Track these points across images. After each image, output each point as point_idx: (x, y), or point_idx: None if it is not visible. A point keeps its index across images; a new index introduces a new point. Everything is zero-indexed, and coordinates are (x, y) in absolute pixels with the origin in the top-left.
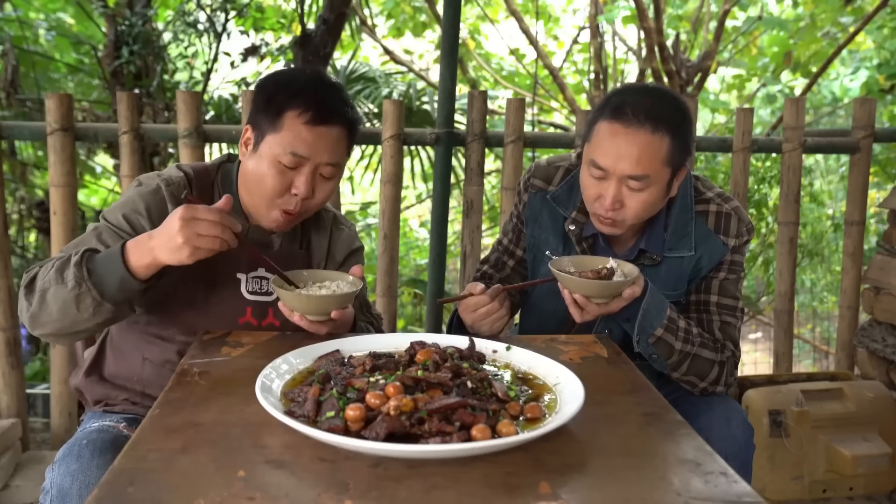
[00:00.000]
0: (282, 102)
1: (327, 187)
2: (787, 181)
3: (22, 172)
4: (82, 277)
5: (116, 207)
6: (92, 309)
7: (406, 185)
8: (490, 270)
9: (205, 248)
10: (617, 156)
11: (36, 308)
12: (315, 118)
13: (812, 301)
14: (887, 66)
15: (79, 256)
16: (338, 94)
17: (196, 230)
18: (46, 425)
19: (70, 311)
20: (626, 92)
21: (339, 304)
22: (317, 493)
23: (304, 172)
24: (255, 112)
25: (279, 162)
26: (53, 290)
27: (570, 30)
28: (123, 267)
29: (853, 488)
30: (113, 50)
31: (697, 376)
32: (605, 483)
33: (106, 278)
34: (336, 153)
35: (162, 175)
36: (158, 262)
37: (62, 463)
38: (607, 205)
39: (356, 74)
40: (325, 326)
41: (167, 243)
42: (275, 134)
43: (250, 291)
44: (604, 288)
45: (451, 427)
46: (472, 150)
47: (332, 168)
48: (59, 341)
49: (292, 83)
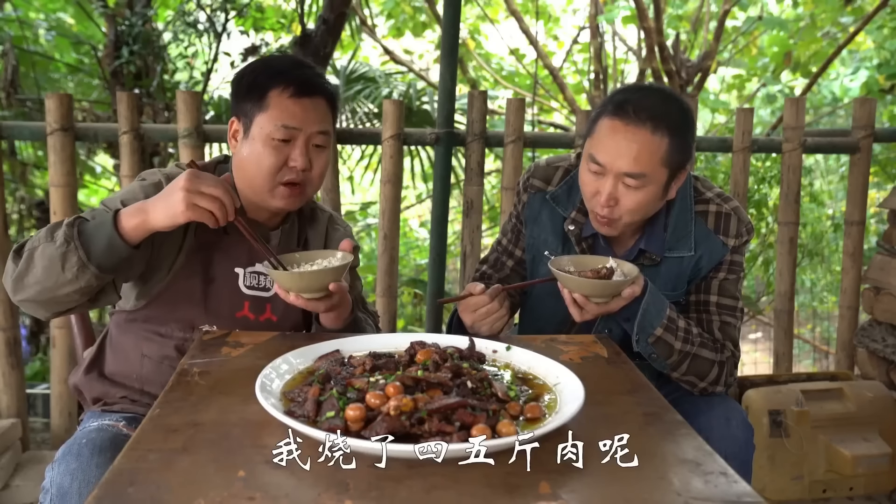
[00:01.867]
0: (264, 83)
1: (322, 158)
2: (787, 181)
3: (22, 172)
4: (71, 236)
5: (117, 196)
6: (76, 269)
7: (406, 185)
8: (489, 270)
9: (202, 206)
10: (615, 152)
11: (23, 267)
12: (298, 91)
13: (812, 301)
14: (887, 66)
15: (71, 219)
16: (313, 69)
17: (199, 188)
18: (46, 425)
19: (54, 269)
20: (631, 90)
21: (333, 277)
22: (317, 493)
23: (298, 145)
24: (237, 102)
25: (272, 139)
26: (42, 247)
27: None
28: (113, 228)
29: (853, 488)
30: (113, 50)
31: (697, 376)
32: (605, 483)
33: (95, 239)
34: (324, 121)
35: (163, 171)
36: (149, 222)
37: (62, 462)
38: (602, 201)
39: (356, 74)
40: (324, 303)
41: (164, 198)
42: (263, 113)
43: (248, 286)
44: (603, 287)
45: (451, 427)
46: (472, 150)
47: (323, 136)
48: (39, 311)
49: (270, 65)
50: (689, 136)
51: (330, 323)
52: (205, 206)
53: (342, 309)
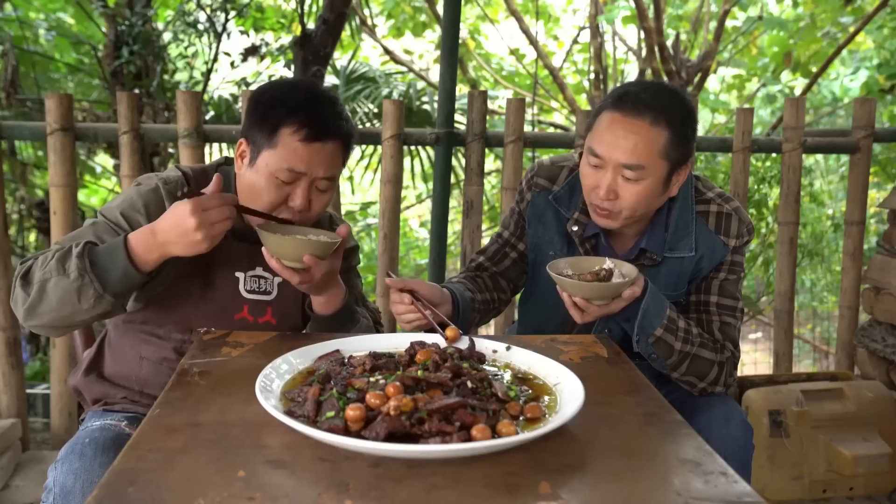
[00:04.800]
0: (277, 119)
1: (323, 199)
2: (787, 181)
3: (22, 172)
4: (85, 269)
5: (115, 205)
6: (93, 300)
7: (406, 185)
8: (486, 262)
9: (220, 233)
10: (613, 144)
11: (35, 298)
12: (310, 135)
13: (812, 301)
14: (887, 66)
15: (80, 248)
16: (332, 107)
17: (210, 220)
18: (46, 425)
19: (70, 301)
20: (632, 84)
21: (312, 250)
22: (317, 493)
23: (300, 186)
24: (249, 126)
25: (276, 177)
26: (55, 280)
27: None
28: (127, 260)
29: (853, 488)
30: (113, 50)
31: (697, 376)
32: (605, 483)
33: (109, 271)
34: (331, 167)
35: (160, 175)
36: (169, 256)
37: (65, 461)
38: (601, 194)
39: (356, 74)
40: (299, 276)
41: (183, 239)
42: (271, 150)
43: (248, 290)
44: (603, 290)
45: (451, 427)
46: (472, 150)
47: (328, 182)
48: (51, 333)
49: (287, 99)
50: (689, 130)
51: (320, 308)
52: (221, 231)
53: (332, 296)
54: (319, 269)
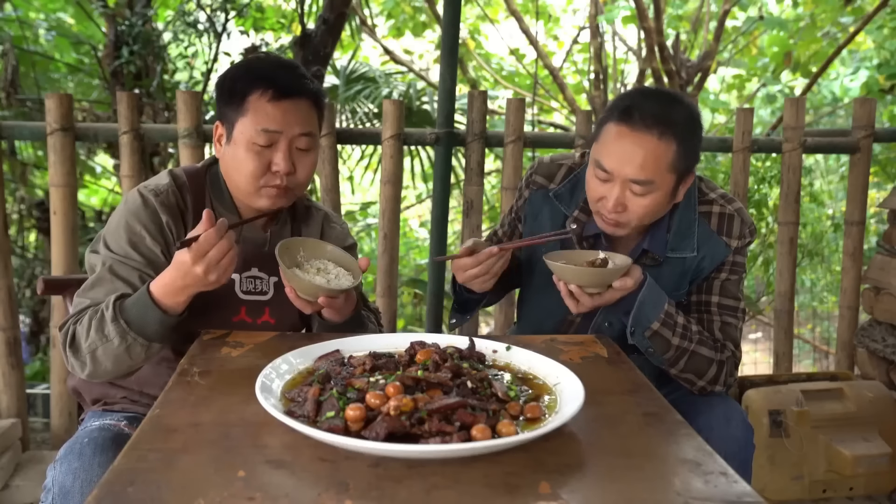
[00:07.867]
0: (243, 88)
1: (307, 160)
2: (787, 181)
3: (22, 172)
4: (124, 331)
5: (118, 237)
6: (143, 353)
7: (406, 185)
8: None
9: (231, 263)
10: (622, 159)
11: (92, 368)
12: (277, 94)
13: (812, 301)
14: (887, 66)
15: (112, 311)
16: (296, 70)
17: (214, 260)
18: (46, 425)
19: (124, 361)
20: (637, 95)
21: (327, 293)
22: (317, 493)
23: (280, 149)
24: (220, 108)
25: (254, 143)
26: (102, 349)
27: (570, 30)
28: (158, 311)
29: (853, 488)
30: (113, 50)
31: (695, 374)
32: (605, 483)
33: (146, 325)
34: (306, 123)
35: (148, 186)
36: (195, 293)
37: (64, 461)
38: (609, 207)
39: (356, 74)
40: (310, 307)
41: (199, 283)
42: (244, 119)
43: (244, 291)
44: (595, 275)
45: (451, 427)
46: (472, 150)
47: (307, 139)
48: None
49: (250, 68)
50: (697, 141)
51: (331, 315)
52: (230, 262)
53: (344, 307)
54: (334, 305)
